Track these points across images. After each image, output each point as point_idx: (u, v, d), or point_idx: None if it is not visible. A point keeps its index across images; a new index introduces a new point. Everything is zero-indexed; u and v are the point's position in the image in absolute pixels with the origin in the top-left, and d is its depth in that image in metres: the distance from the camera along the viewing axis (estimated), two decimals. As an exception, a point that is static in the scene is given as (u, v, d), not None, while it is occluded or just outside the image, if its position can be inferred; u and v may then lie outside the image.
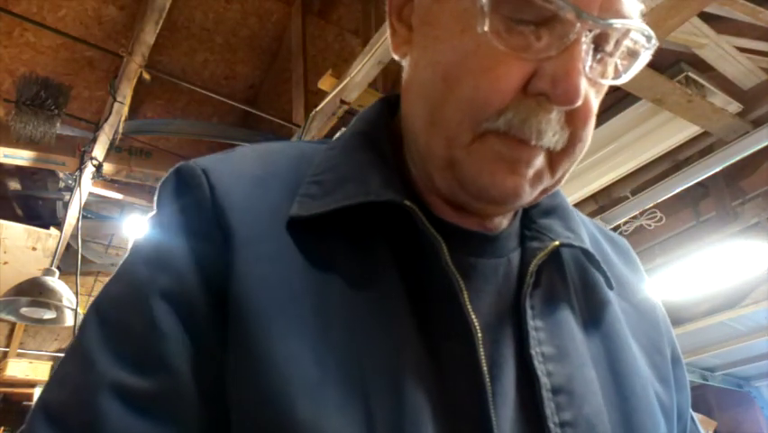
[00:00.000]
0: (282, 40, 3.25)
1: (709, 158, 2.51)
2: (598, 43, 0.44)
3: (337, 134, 0.57)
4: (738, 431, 5.58)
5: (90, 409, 0.39)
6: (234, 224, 0.44)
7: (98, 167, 2.85)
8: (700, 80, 2.23)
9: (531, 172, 0.45)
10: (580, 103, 0.42)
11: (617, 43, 0.45)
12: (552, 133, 0.44)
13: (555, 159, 0.46)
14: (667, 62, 2.25)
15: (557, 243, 0.50)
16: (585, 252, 0.52)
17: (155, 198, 0.49)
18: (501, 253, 0.50)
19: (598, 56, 0.45)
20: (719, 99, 2.28)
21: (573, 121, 0.45)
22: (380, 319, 0.43)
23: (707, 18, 2.05)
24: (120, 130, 2.72)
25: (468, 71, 0.43)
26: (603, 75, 0.46)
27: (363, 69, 2.16)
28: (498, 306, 0.48)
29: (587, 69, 0.43)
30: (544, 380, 0.45)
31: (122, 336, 0.42)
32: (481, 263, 0.48)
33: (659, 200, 2.74)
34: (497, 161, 0.44)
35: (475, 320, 0.44)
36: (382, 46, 2.04)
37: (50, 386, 0.42)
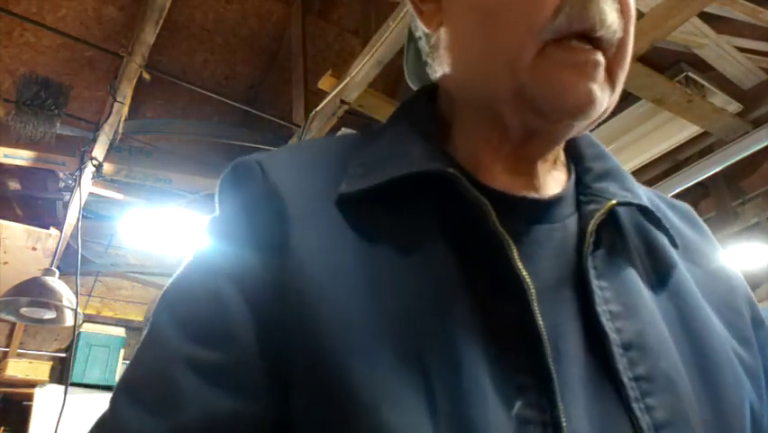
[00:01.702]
0: (282, 40, 3.25)
1: (709, 158, 2.51)
2: None
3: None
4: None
5: (167, 382, 0.41)
6: (287, 201, 0.46)
7: (98, 167, 2.85)
8: (700, 80, 2.23)
9: (599, 77, 0.46)
10: None
11: None
12: (610, 16, 0.45)
13: (610, 66, 0.46)
14: (667, 62, 2.25)
15: (614, 201, 0.50)
16: (644, 210, 0.52)
17: (216, 192, 0.52)
18: (555, 219, 0.50)
19: None
20: (719, 99, 2.28)
21: (624, 10, 0.46)
22: (429, 284, 0.44)
23: (707, 18, 2.05)
24: (120, 130, 2.72)
25: None
26: None
27: (363, 69, 2.16)
28: (556, 269, 0.47)
29: None
30: (613, 336, 0.44)
31: (192, 314, 0.44)
32: (534, 229, 0.48)
33: (659, 200, 2.73)
34: (564, 69, 0.45)
35: (527, 278, 0.43)
36: (382, 46, 2.04)
37: (129, 367, 0.45)
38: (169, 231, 3.32)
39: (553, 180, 0.53)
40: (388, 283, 0.43)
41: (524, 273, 0.44)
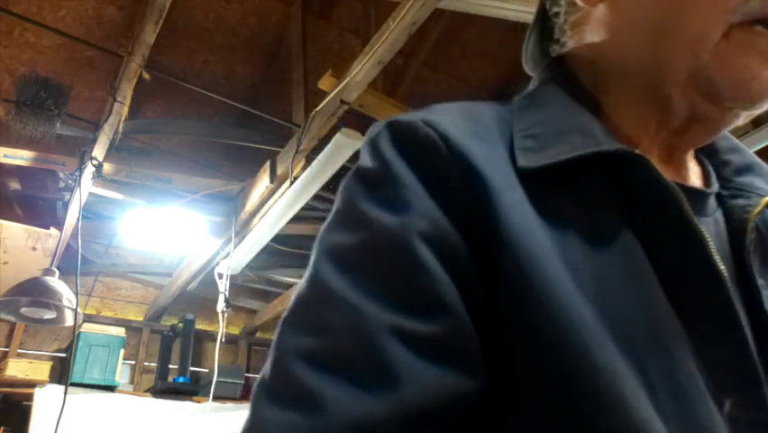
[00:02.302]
0: (282, 40, 3.25)
1: (709, 158, 2.51)
2: None
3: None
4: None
5: (377, 352, 0.35)
6: (484, 171, 0.42)
7: (98, 167, 2.85)
8: (700, 80, 2.23)
9: None
10: None
11: None
12: None
13: None
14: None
15: (767, 198, 0.48)
16: None
17: (363, 155, 0.46)
18: (710, 212, 0.48)
19: None
20: (719, 99, 2.28)
21: None
22: (626, 275, 0.41)
23: (707, 18, 2.05)
24: (120, 130, 2.72)
25: None
26: None
27: (363, 69, 2.16)
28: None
29: None
30: None
31: (384, 281, 0.38)
32: (701, 222, 0.45)
33: (659, 200, 2.73)
34: (751, 54, 0.43)
35: (725, 273, 0.41)
36: (382, 46, 2.04)
37: (299, 336, 0.38)
38: (169, 231, 3.32)
39: (693, 172, 0.51)
40: (585, 267, 0.40)
41: (722, 269, 0.41)
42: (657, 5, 0.45)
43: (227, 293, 3.21)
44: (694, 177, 0.51)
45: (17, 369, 3.56)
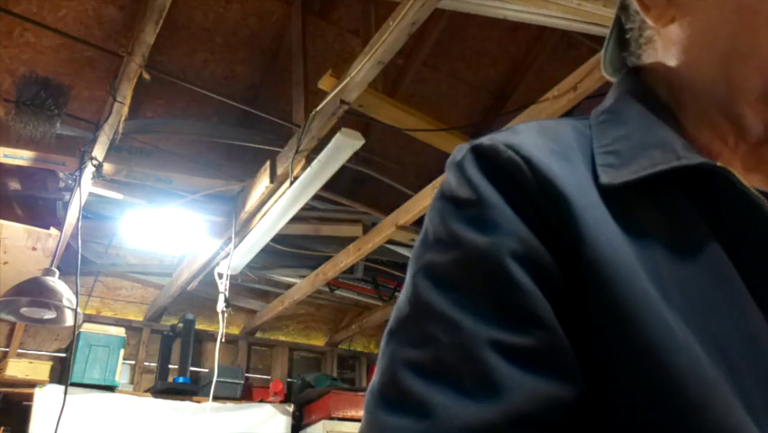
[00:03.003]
0: (282, 40, 3.25)
1: (709, 158, 2.50)
2: None
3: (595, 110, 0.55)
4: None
5: (477, 366, 0.38)
6: (567, 191, 0.43)
7: (98, 167, 2.85)
8: (700, 80, 2.23)
9: None
10: None
11: None
12: None
13: None
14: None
15: None
16: None
17: (448, 177, 0.48)
18: None
19: None
20: (719, 99, 2.28)
21: None
22: (716, 289, 0.42)
23: (707, 18, 2.05)
24: (120, 130, 2.72)
25: None
26: None
27: (363, 69, 2.16)
28: None
29: None
30: None
31: (481, 297, 0.41)
32: None
33: (659, 200, 2.73)
34: None
35: None
36: (382, 46, 2.05)
37: (406, 348, 0.42)
38: (169, 231, 3.32)
39: None
40: (672, 281, 0.41)
41: None
42: (729, 28, 0.46)
43: (227, 293, 3.21)
44: None
45: (17, 369, 3.56)
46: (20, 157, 2.86)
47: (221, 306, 3.18)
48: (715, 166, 0.44)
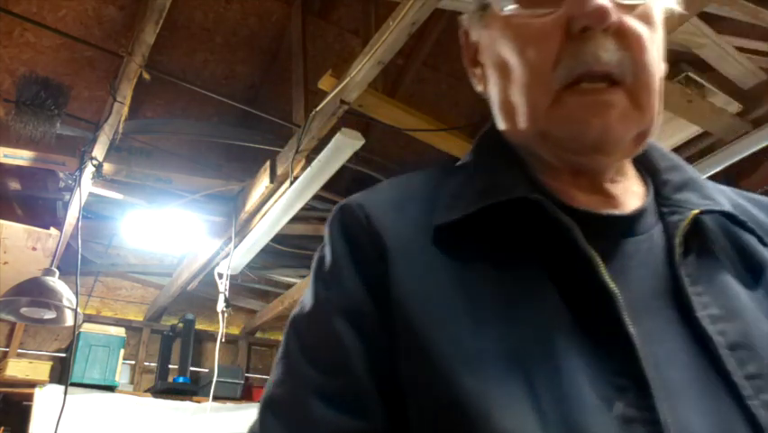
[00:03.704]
0: (282, 40, 3.25)
1: (709, 158, 2.51)
2: None
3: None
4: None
5: (302, 406, 0.49)
6: (390, 242, 0.52)
7: (98, 167, 2.85)
8: (700, 80, 2.23)
9: (614, 111, 0.49)
10: (613, 17, 0.48)
11: None
12: (607, 53, 0.49)
13: (634, 94, 0.50)
14: (667, 62, 2.24)
15: (696, 211, 0.53)
16: (728, 215, 0.54)
17: (326, 233, 0.58)
18: (640, 232, 0.53)
19: None
20: (719, 99, 2.28)
21: (626, 44, 0.49)
22: (527, 301, 0.48)
23: (707, 18, 2.05)
24: (120, 130, 2.72)
25: (519, 51, 0.52)
26: (644, 4, 0.51)
27: (363, 69, 2.15)
28: (649, 279, 0.50)
29: (615, 4, 0.49)
30: (718, 338, 0.46)
31: (313, 347, 0.53)
32: (622, 243, 0.52)
33: (659, 200, 2.73)
34: (578, 110, 0.50)
35: (615, 290, 0.46)
36: (382, 46, 2.04)
37: (271, 385, 0.54)
38: (168, 231, 3.32)
39: (632, 195, 0.56)
40: (489, 302, 0.48)
41: (611, 286, 0.47)
42: (501, 88, 0.56)
43: (227, 293, 3.21)
44: (633, 199, 0.56)
45: (17, 369, 3.56)
46: (20, 157, 2.85)
47: (221, 306, 3.18)
48: (530, 197, 0.51)
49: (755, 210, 0.60)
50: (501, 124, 0.58)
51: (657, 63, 0.53)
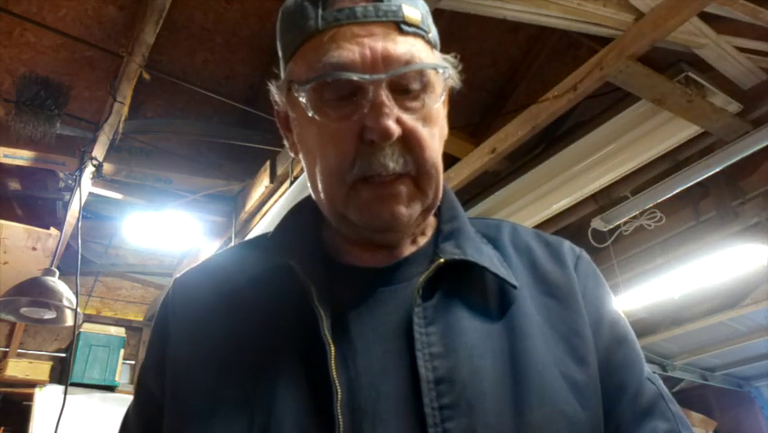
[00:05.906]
0: (282, 40, 3.24)
1: (709, 158, 2.51)
2: (402, 86, 0.59)
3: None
4: (738, 431, 5.58)
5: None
6: (175, 314, 0.66)
7: (98, 167, 2.85)
8: (700, 80, 2.23)
9: (401, 198, 0.59)
10: (396, 135, 0.57)
11: (419, 79, 0.60)
12: (393, 162, 0.58)
13: (418, 181, 0.60)
14: (667, 62, 2.25)
15: (442, 260, 0.61)
16: (473, 264, 0.62)
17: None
18: (402, 279, 0.63)
19: (411, 94, 0.60)
20: (719, 99, 2.28)
21: (409, 147, 0.59)
22: (270, 351, 0.58)
23: (707, 18, 2.05)
24: (120, 130, 2.72)
25: (321, 146, 0.60)
26: (423, 105, 0.60)
27: (363, 69, 2.15)
28: (395, 322, 0.59)
29: (400, 108, 0.58)
30: (427, 374, 0.55)
31: (134, 400, 0.70)
32: (379, 291, 0.61)
33: (659, 200, 2.73)
34: (369, 201, 0.59)
35: (330, 341, 0.56)
36: (382, 46, 2.04)
37: (125, 416, 0.72)
38: (168, 231, 3.32)
39: (410, 250, 0.66)
40: (243, 351, 0.59)
41: (328, 338, 0.56)
42: (308, 172, 0.65)
43: (227, 293, 3.20)
44: (406, 246, 0.66)
45: (17, 369, 3.56)
46: (20, 157, 2.85)
47: (221, 306, 3.17)
48: (285, 264, 0.61)
49: (542, 251, 0.69)
50: (312, 194, 0.67)
51: (437, 153, 0.62)
